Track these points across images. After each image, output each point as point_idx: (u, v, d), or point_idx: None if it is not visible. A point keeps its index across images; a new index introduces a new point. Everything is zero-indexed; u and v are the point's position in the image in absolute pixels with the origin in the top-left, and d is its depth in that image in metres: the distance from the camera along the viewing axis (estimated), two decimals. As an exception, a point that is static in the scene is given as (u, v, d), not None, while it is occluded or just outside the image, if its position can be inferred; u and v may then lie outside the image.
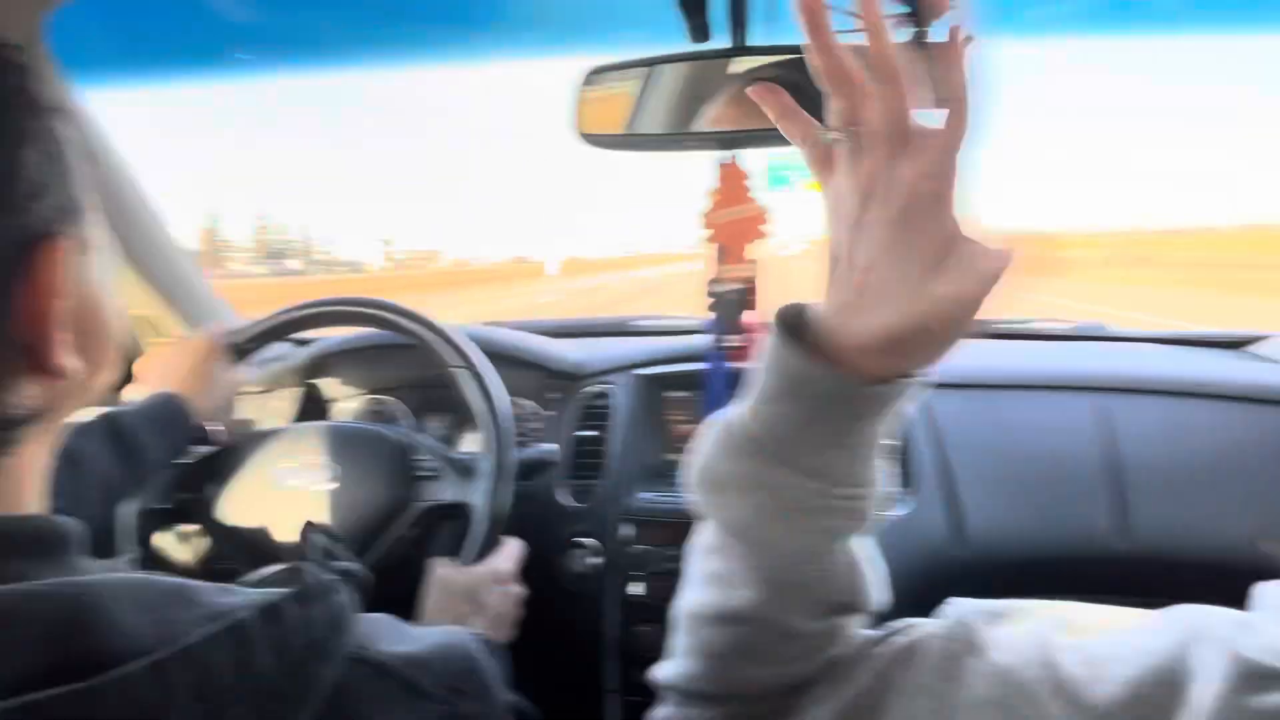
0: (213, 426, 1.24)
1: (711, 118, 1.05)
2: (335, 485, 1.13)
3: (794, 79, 0.98)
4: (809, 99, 1.00)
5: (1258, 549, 1.19)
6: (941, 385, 1.41)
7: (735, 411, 0.53)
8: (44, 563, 0.41)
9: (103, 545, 1.07)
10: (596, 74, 1.06)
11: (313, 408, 1.61)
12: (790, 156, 0.59)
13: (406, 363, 1.56)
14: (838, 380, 0.46)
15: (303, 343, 1.70)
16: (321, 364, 1.63)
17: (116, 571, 0.41)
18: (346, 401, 1.63)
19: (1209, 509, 1.24)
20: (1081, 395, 1.38)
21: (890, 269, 0.44)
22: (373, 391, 1.62)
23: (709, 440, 0.54)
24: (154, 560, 1.15)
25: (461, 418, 1.54)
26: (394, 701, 0.45)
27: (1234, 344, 1.59)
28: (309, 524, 0.57)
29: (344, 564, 0.52)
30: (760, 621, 0.51)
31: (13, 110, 0.43)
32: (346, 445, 1.17)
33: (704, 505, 0.54)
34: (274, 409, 1.58)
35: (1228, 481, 1.26)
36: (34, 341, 0.43)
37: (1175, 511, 1.24)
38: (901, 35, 0.97)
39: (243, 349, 1.27)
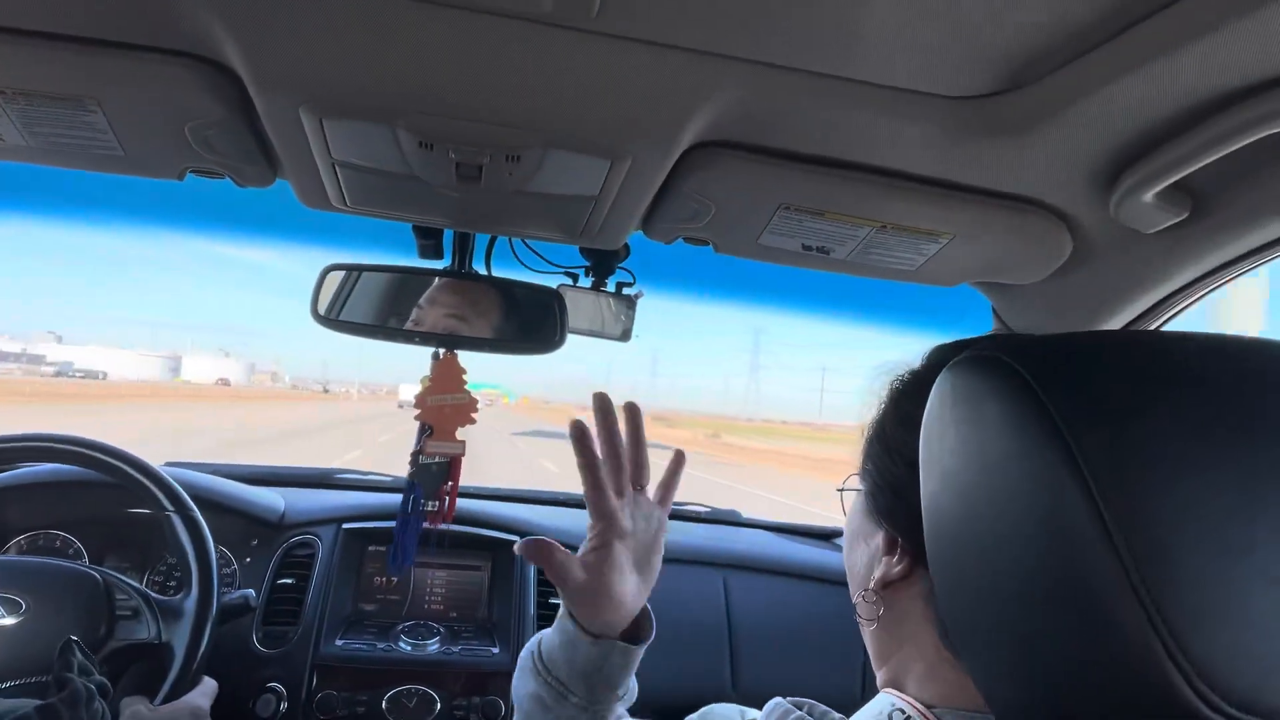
0: None
1: (429, 321, 1.30)
2: (22, 620, 1.12)
3: (510, 297, 1.28)
4: (521, 313, 1.31)
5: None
6: None
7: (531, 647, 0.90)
8: None
9: None
10: (333, 270, 1.27)
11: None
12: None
13: (84, 500, 1.55)
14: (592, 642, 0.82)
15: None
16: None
17: None
18: (17, 537, 1.56)
19: (798, 668, 1.61)
20: (712, 570, 1.73)
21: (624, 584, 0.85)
22: (44, 528, 1.57)
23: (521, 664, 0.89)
24: None
25: (143, 559, 1.56)
26: None
27: (825, 535, 2.06)
28: (68, 641, 0.66)
29: (98, 678, 0.63)
30: None
31: None
32: (39, 580, 1.17)
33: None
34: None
35: (812, 645, 1.64)
36: None
37: (770, 669, 1.59)
38: (584, 283, 1.31)
39: None
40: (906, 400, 0.63)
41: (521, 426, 44.61)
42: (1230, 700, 0.36)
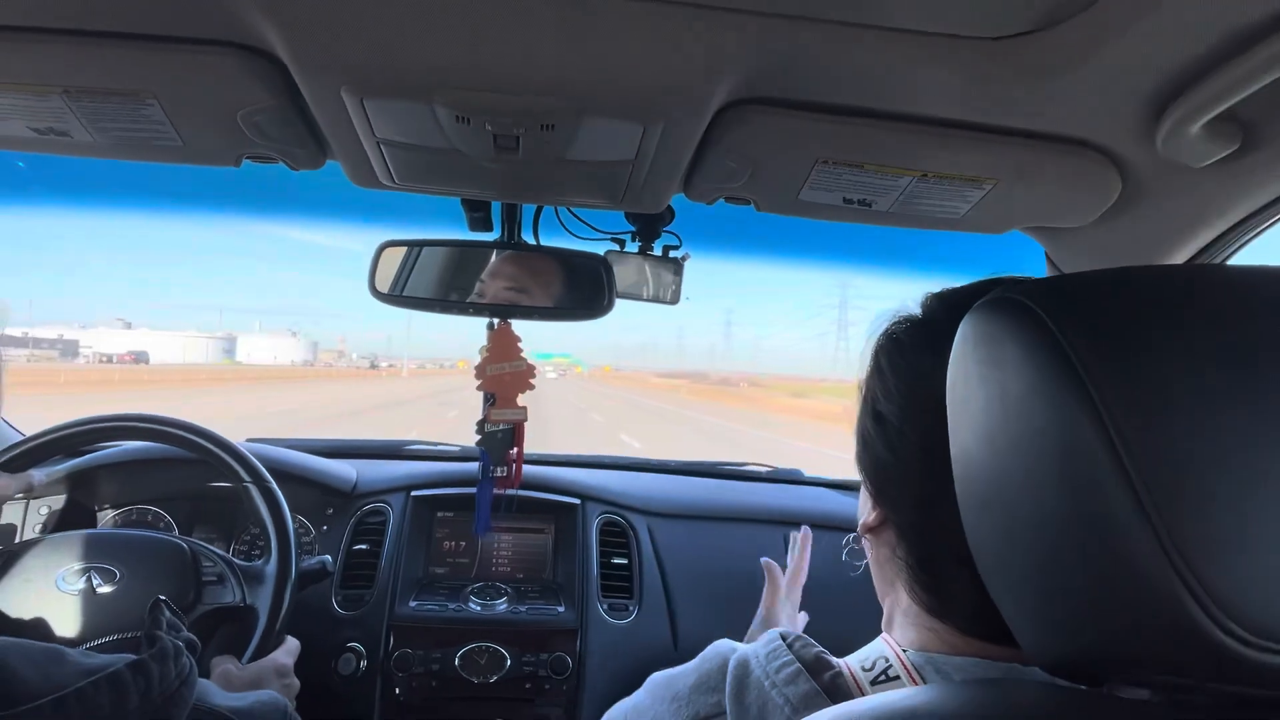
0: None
1: (491, 288, 1.34)
2: (118, 588, 1.21)
3: (560, 265, 1.31)
4: (571, 280, 1.33)
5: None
6: (666, 515, 1.74)
7: None
8: None
9: None
10: (390, 246, 1.31)
11: (77, 517, 1.63)
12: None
13: (172, 477, 1.65)
14: None
15: (73, 454, 1.72)
16: (85, 474, 1.66)
17: None
18: (111, 512, 1.66)
19: (861, 619, 1.62)
20: (773, 527, 1.74)
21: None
22: (136, 504, 1.68)
23: None
24: None
25: (228, 529, 1.65)
26: None
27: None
28: (157, 601, 0.71)
29: (186, 635, 0.68)
30: None
31: None
32: (133, 551, 1.26)
33: None
34: (38, 517, 1.59)
35: (868, 594, 1.65)
36: None
37: (833, 621, 1.61)
38: (631, 248, 1.33)
39: (19, 460, 1.33)
40: (882, 353, 0.64)
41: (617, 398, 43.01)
42: (1246, 627, 0.36)
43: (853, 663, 0.61)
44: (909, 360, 0.61)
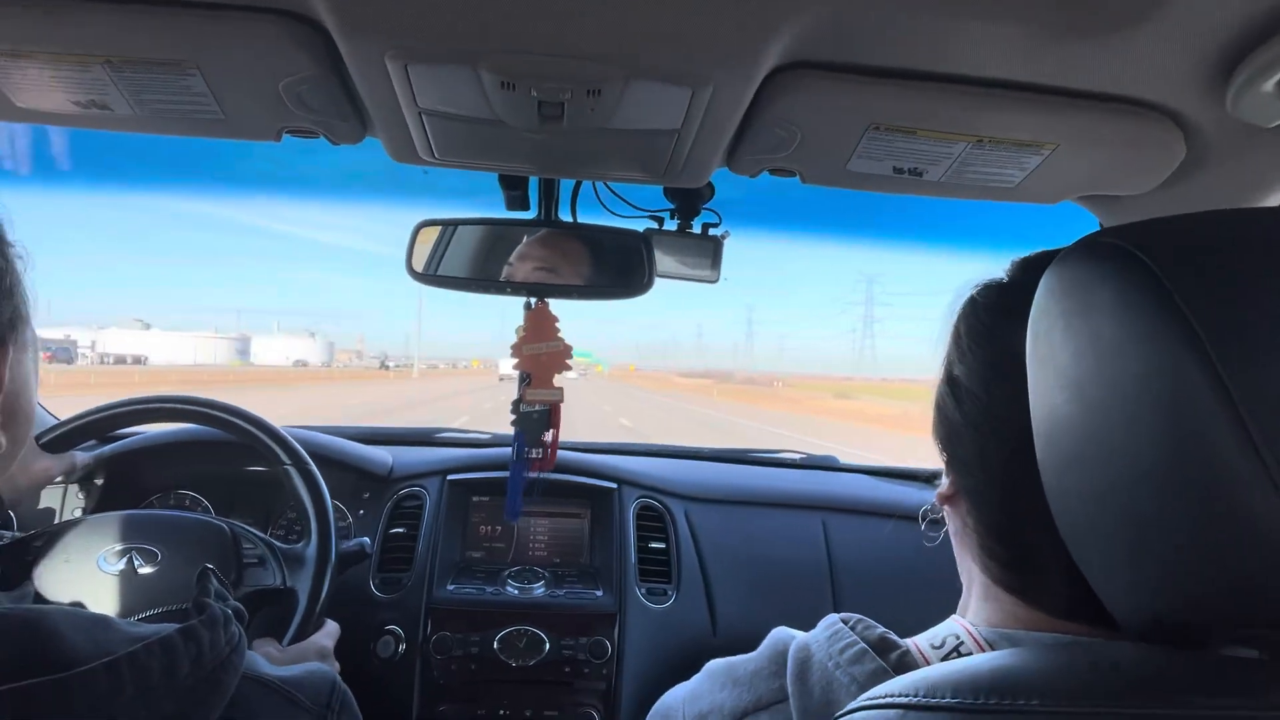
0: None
1: (520, 271, 1.33)
2: (159, 569, 1.21)
3: (597, 243, 1.30)
4: (610, 258, 1.32)
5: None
6: (703, 500, 1.72)
7: None
8: None
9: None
10: (426, 225, 1.30)
11: (116, 499, 1.64)
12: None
13: (208, 460, 1.66)
14: None
15: (110, 437, 1.74)
16: (124, 457, 1.67)
17: (23, 602, 0.55)
18: (150, 494, 1.67)
19: (900, 607, 1.59)
20: (810, 513, 1.72)
21: None
22: (174, 487, 1.68)
23: None
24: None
25: (265, 513, 1.66)
26: (278, 712, 0.61)
27: (927, 478, 2.02)
28: (205, 569, 0.70)
29: (234, 603, 0.68)
30: None
31: None
32: (173, 532, 1.26)
33: None
34: (76, 500, 1.61)
35: (913, 585, 1.62)
36: None
37: (873, 608, 1.58)
38: (670, 225, 1.31)
39: (58, 442, 1.34)
40: (961, 318, 0.62)
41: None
42: None
43: (921, 641, 0.59)
44: (984, 321, 0.59)
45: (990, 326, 0.58)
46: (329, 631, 1.23)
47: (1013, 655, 0.46)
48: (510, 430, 1.46)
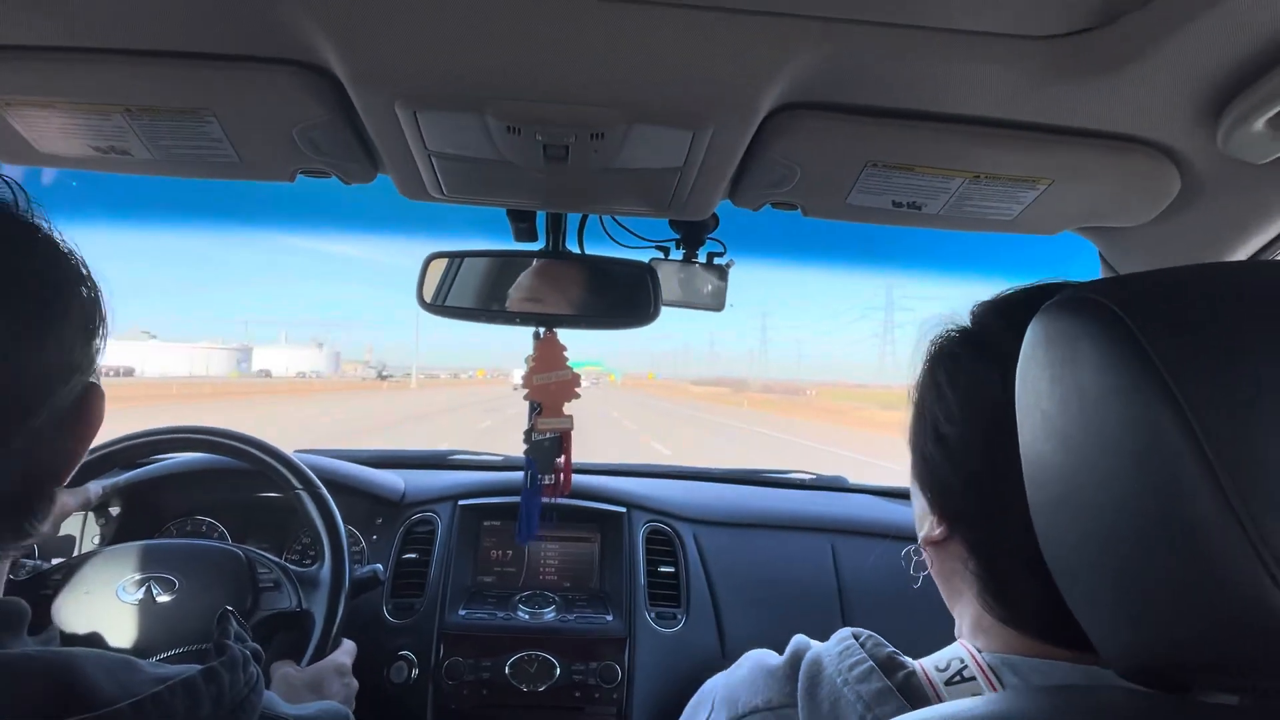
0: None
1: (530, 301, 1.35)
2: (177, 597, 1.23)
3: (601, 274, 1.32)
4: (616, 289, 1.34)
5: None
6: (711, 523, 1.73)
7: None
8: (12, 635, 0.56)
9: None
10: (436, 258, 1.33)
11: (133, 529, 1.66)
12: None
13: (222, 487, 1.68)
14: None
15: (128, 466, 1.76)
16: (139, 486, 1.69)
17: (50, 645, 0.57)
18: (166, 523, 1.70)
19: (910, 628, 1.60)
20: (819, 535, 1.73)
21: None
22: (189, 514, 1.71)
23: None
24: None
25: (279, 538, 1.68)
26: None
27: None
28: (225, 612, 0.73)
29: (252, 644, 0.70)
30: None
31: (71, 284, 0.59)
32: (190, 560, 1.28)
33: None
34: (94, 529, 1.63)
35: (922, 606, 1.63)
36: (65, 470, 0.61)
37: (882, 629, 1.59)
38: (676, 255, 1.33)
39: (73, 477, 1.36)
40: (939, 369, 0.64)
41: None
42: None
43: (927, 664, 0.61)
44: (967, 374, 0.61)
45: (974, 378, 0.60)
46: (347, 650, 1.25)
47: (1007, 700, 0.47)
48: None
